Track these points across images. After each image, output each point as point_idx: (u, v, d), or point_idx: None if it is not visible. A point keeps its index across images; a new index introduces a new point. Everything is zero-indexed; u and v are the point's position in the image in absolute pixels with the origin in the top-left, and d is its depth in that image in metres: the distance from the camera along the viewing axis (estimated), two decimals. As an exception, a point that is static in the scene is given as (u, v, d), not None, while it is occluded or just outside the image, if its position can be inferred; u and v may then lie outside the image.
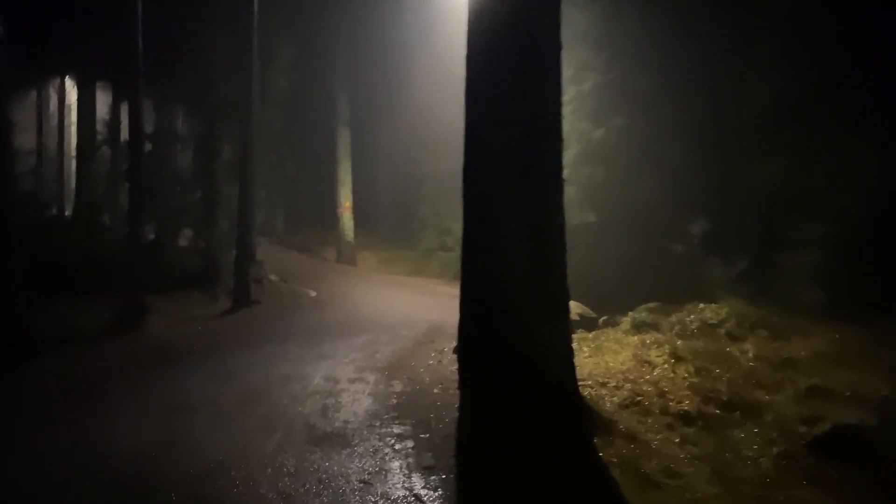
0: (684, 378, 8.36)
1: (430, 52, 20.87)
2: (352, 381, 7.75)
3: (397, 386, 7.53)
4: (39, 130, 22.87)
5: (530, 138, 6.17)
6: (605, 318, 12.41)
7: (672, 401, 7.44)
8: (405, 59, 22.29)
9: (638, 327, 11.12)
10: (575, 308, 12.21)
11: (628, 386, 7.96)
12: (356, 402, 6.86)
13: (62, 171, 24.98)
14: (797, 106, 10.54)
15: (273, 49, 16.64)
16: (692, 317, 10.78)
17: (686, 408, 7.17)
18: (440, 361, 8.78)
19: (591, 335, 11.15)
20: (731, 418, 6.97)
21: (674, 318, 11.04)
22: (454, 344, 10.03)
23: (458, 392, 7.25)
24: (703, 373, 8.43)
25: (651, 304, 12.75)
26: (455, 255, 21.74)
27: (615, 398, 7.55)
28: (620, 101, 15.23)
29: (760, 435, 6.57)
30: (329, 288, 16.48)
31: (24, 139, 17.00)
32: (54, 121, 25.91)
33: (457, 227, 19.46)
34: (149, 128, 15.53)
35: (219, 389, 7.51)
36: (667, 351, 9.30)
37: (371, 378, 7.89)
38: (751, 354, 8.88)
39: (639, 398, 7.53)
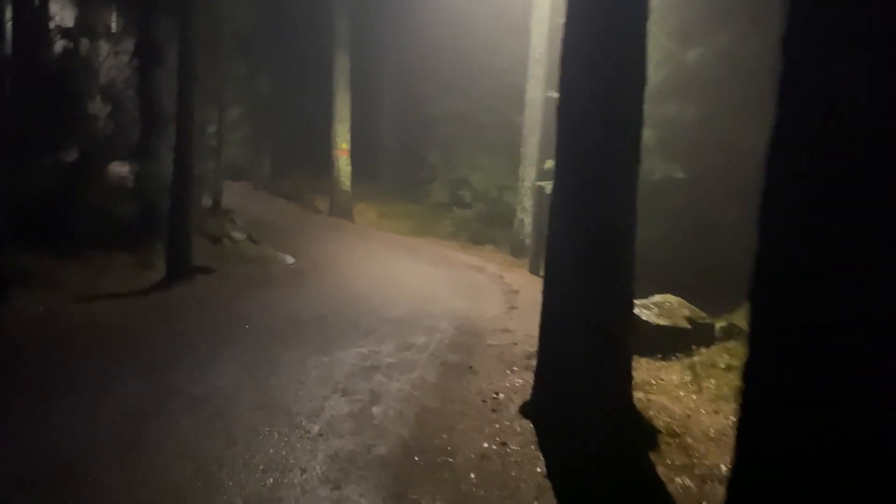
0: None
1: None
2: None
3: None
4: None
5: None
6: (723, 323, 7.71)
7: None
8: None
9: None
10: (680, 308, 7.55)
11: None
12: None
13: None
14: None
15: None
16: None
17: None
18: (504, 444, 4.08)
19: (726, 363, 6.48)
20: None
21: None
22: (513, 382, 5.38)
23: None
24: None
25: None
26: (472, 214, 17.05)
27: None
28: (725, 10, 10.37)
29: None
30: (314, 251, 11.71)
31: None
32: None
33: (476, 178, 14.59)
34: (67, 21, 10.53)
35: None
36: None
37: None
38: None
39: None
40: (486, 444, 4.02)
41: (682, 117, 10.16)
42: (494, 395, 4.93)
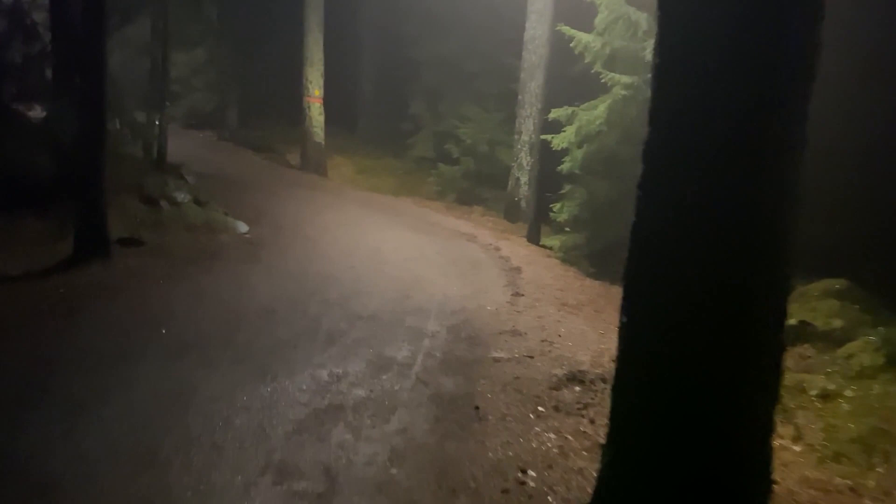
0: None
1: None
2: None
3: None
4: None
5: None
6: (791, 321, 5.87)
7: None
8: None
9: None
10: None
11: None
12: None
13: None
14: None
15: None
16: None
17: None
18: None
19: (819, 387, 4.66)
20: None
21: None
22: (543, 440, 3.41)
23: None
24: None
25: (838, 283, 6.66)
26: (460, 171, 14.79)
27: None
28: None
29: None
30: (275, 215, 9.61)
31: None
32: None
33: (464, 130, 11.38)
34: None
35: None
36: None
37: None
38: None
39: None
40: None
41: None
42: (521, 476, 3.02)
